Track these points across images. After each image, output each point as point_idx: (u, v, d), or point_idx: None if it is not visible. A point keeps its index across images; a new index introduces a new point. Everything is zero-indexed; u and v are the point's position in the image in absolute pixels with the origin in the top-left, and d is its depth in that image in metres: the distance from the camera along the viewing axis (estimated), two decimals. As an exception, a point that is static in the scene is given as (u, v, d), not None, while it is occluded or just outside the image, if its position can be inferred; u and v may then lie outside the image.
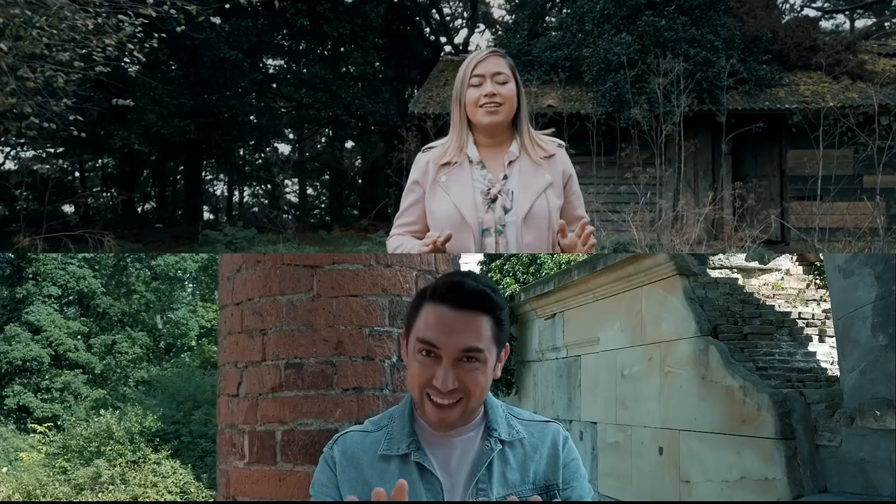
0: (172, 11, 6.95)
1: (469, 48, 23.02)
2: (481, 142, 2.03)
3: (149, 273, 20.36)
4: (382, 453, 1.27)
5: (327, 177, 24.54)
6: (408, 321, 1.30)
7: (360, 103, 16.21)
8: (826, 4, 20.60)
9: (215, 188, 27.26)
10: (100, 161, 21.98)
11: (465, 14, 24.23)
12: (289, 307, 1.54)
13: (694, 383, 4.97)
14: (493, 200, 1.92)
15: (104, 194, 23.37)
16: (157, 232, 17.86)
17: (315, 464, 1.48)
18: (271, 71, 19.72)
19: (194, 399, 10.53)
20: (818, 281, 6.01)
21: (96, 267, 19.75)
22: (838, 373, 4.43)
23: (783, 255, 6.22)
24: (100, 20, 6.83)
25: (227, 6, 12.84)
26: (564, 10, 13.72)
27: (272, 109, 18.49)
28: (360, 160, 24.61)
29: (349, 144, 24.43)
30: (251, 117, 17.52)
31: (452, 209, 1.91)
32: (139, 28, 7.07)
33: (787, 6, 19.86)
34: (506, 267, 8.41)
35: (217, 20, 7.26)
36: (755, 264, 6.07)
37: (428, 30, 21.90)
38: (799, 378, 4.72)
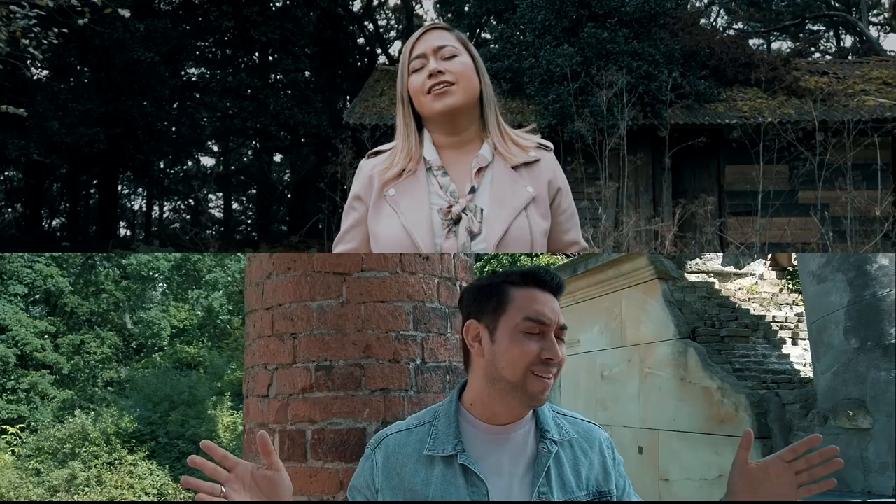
0: (74, 2, 6.25)
1: None
2: (441, 142, 1.61)
3: (118, 272, 20.08)
4: (428, 453, 1.24)
5: (254, 191, 23.39)
6: (486, 309, 1.27)
7: (289, 113, 15.21)
8: (746, 27, 21.22)
9: (133, 203, 25.80)
10: (5, 173, 20.18)
11: (400, 26, 23.65)
12: (319, 312, 1.61)
13: (673, 384, 5.13)
14: (456, 221, 1.50)
15: (7, 210, 21.56)
16: (62, 250, 17.30)
17: (344, 460, 1.55)
18: (194, 79, 18.65)
19: (170, 400, 10.46)
20: (791, 285, 6.23)
21: (64, 265, 19.42)
22: (811, 374, 4.62)
23: (758, 261, 6.43)
24: None
25: (140, 4, 12.21)
26: (501, 24, 13.30)
27: (194, 119, 17.38)
28: (289, 173, 23.52)
29: (278, 157, 23.42)
30: (172, 127, 16.47)
31: (401, 233, 1.52)
32: (34, 20, 6.27)
33: (710, 26, 20.24)
34: (486, 269, 8.53)
35: (126, 13, 6.45)
36: (731, 269, 6.27)
37: (362, 39, 21.29)
38: (774, 379, 4.91)
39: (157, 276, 20.89)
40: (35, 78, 9.96)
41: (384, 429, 1.30)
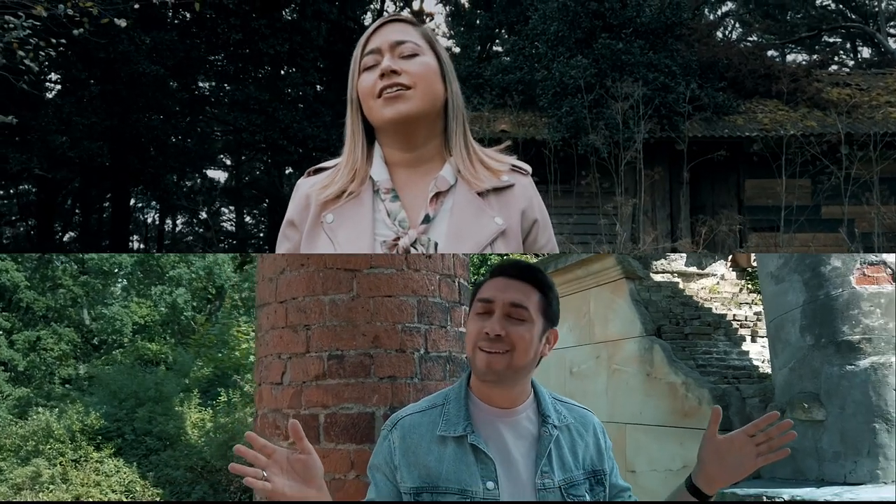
0: (69, 11, 6.07)
1: None
2: (394, 159, 1.43)
3: (76, 267, 19.69)
4: (441, 433, 1.33)
5: (266, 205, 23.15)
6: (471, 298, 1.38)
7: (299, 127, 14.97)
8: (760, 39, 20.80)
9: (146, 216, 25.51)
10: (19, 187, 20.21)
11: None
12: (331, 305, 1.74)
13: (639, 380, 5.35)
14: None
15: (20, 224, 21.57)
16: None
17: (354, 442, 1.69)
18: (206, 93, 18.40)
19: (137, 396, 10.36)
20: (750, 286, 6.51)
21: (19, 259, 18.99)
22: (770, 370, 4.88)
23: (718, 261, 6.70)
24: None
25: (147, 17, 11.85)
26: (513, 36, 13.01)
27: (204, 133, 17.08)
28: None
29: (288, 171, 23.06)
30: (187, 140, 16.23)
31: None
32: (28, 31, 6.08)
33: (724, 39, 19.88)
34: (481, 270, 8.64)
35: (123, 23, 6.25)
36: (694, 269, 6.53)
37: None
38: (734, 375, 5.16)
39: (118, 271, 20.56)
40: (38, 92, 9.66)
41: (399, 411, 1.41)
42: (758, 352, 5.53)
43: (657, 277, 6.21)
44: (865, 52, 22.98)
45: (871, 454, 3.70)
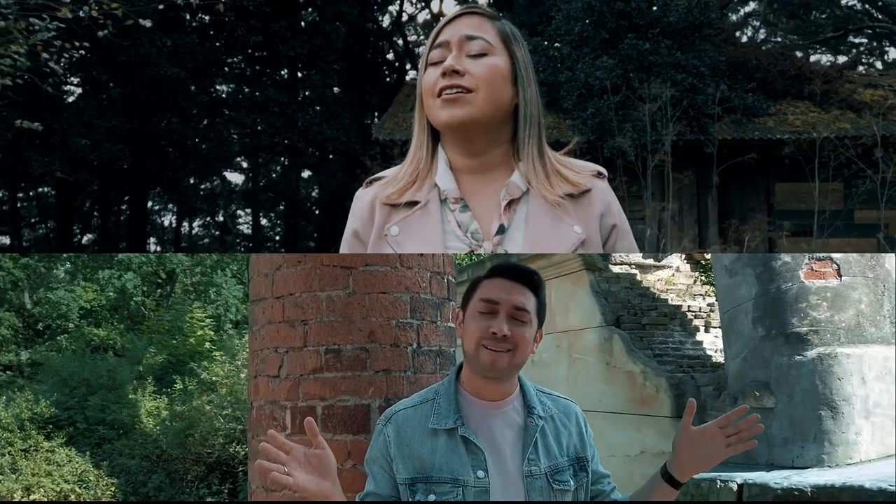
0: (94, 14, 5.97)
1: None
2: (459, 164, 1.36)
3: (17, 250, 19.06)
4: (433, 426, 1.39)
5: (282, 207, 22.91)
6: (465, 296, 1.44)
7: (317, 129, 14.86)
8: (784, 40, 20.45)
9: (163, 218, 25.19)
10: (39, 189, 19.87)
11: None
12: (328, 301, 1.79)
13: (599, 368, 5.52)
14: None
15: (39, 226, 21.32)
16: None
17: (351, 433, 1.75)
18: (223, 95, 18.18)
19: (88, 384, 10.15)
20: (703, 277, 6.76)
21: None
22: (723, 359, 5.10)
23: (674, 254, 6.93)
24: (5, 23, 5.69)
25: (167, 20, 11.59)
26: (536, 37, 12.59)
27: (221, 136, 16.93)
28: (317, 190, 23.20)
29: (306, 174, 22.85)
30: (203, 144, 16.04)
31: None
32: (53, 32, 5.96)
33: (748, 39, 19.58)
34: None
35: (147, 23, 6.17)
36: (651, 261, 6.74)
37: (391, 55, 20.81)
38: (689, 364, 5.37)
39: (63, 254, 19.98)
40: (60, 94, 9.35)
41: (392, 406, 1.49)
42: (711, 342, 5.76)
43: (616, 269, 6.39)
44: (893, 53, 23.13)
45: (818, 440, 3.93)
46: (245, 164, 23.22)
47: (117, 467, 8.60)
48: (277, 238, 24.54)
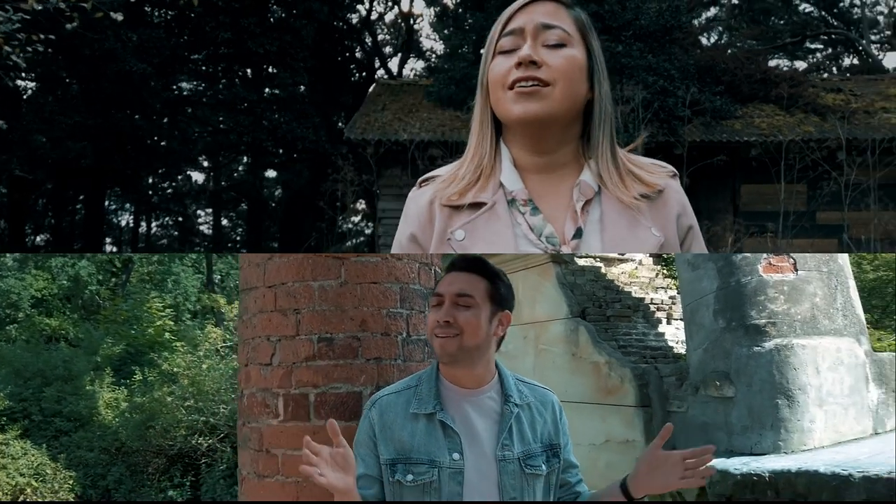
0: (62, 6, 5.76)
1: (404, 74, 21.58)
2: (524, 163, 1.27)
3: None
4: (413, 411, 1.47)
5: (245, 207, 22.37)
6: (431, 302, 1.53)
7: (287, 128, 14.60)
8: (744, 45, 20.56)
9: (120, 219, 24.25)
10: None
11: (398, 40, 23.01)
12: (320, 291, 1.83)
13: (565, 359, 5.64)
14: None
15: None
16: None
17: (344, 419, 1.80)
18: (185, 92, 17.61)
19: (43, 375, 9.90)
20: (665, 271, 6.94)
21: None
22: (684, 350, 5.26)
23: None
24: None
25: (133, 14, 11.27)
26: None
27: (185, 134, 16.33)
28: (280, 189, 22.74)
29: (270, 173, 22.33)
30: (163, 142, 15.60)
31: None
32: (18, 24, 5.70)
33: (714, 44, 19.88)
34: None
35: (119, 17, 5.90)
36: (614, 255, 6.89)
37: (360, 53, 20.56)
38: (652, 355, 5.53)
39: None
40: (19, 89, 8.89)
41: (378, 392, 1.58)
42: (673, 333, 5.93)
43: (581, 262, 6.52)
44: (847, 59, 23.21)
45: (774, 427, 4.11)
46: (206, 164, 22.59)
47: (75, 460, 8.44)
48: (238, 239, 23.98)
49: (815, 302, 4.51)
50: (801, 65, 21.29)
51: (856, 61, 21.46)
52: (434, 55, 22.42)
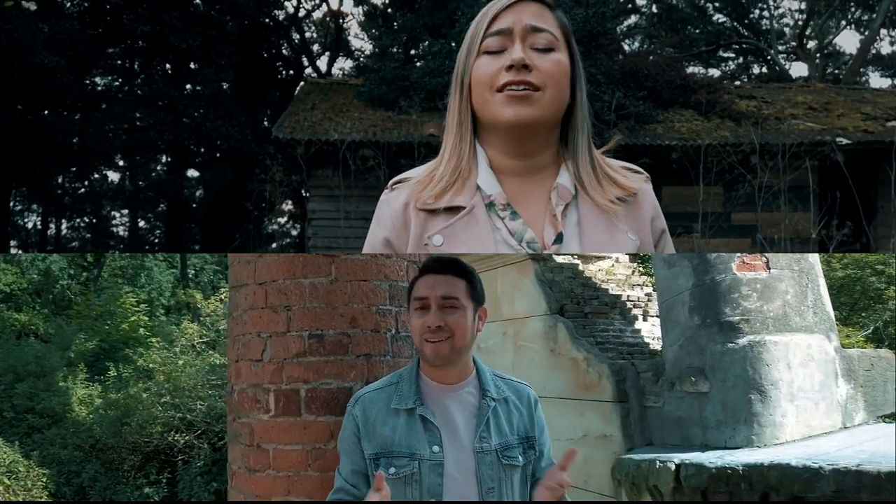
0: None
1: (333, 73, 21.09)
2: (503, 166, 1.26)
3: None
4: (395, 407, 1.53)
5: (163, 208, 21.33)
6: (407, 297, 1.59)
7: (211, 126, 13.93)
8: (661, 52, 21.40)
9: (27, 220, 22.82)
10: None
11: (327, 38, 22.54)
12: (311, 288, 1.85)
13: (544, 355, 5.71)
14: None
15: None
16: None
17: (334, 414, 1.83)
18: (100, 88, 16.84)
19: (14, 371, 9.76)
20: (641, 268, 7.04)
21: None
22: (660, 347, 5.36)
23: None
24: None
25: (45, 4, 10.68)
26: (440, 39, 12.59)
27: (100, 131, 15.55)
28: (202, 190, 22.04)
29: (192, 172, 21.47)
30: (75, 139, 14.78)
31: None
32: None
33: (636, 50, 20.56)
34: None
35: (32, 6, 5.52)
36: (592, 252, 6.98)
37: (287, 51, 20.01)
38: (629, 351, 5.62)
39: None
40: None
41: (360, 389, 1.64)
42: (649, 330, 6.03)
43: (559, 259, 6.60)
44: (757, 68, 24.58)
45: (748, 422, 4.21)
46: (122, 163, 21.58)
47: (48, 457, 8.34)
48: (157, 241, 23.10)
49: (786, 299, 4.62)
50: (714, 72, 22.35)
51: (765, 70, 22.65)
52: (363, 54, 22.05)
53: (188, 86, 15.95)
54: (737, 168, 10.06)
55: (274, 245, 22.82)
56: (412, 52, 16.47)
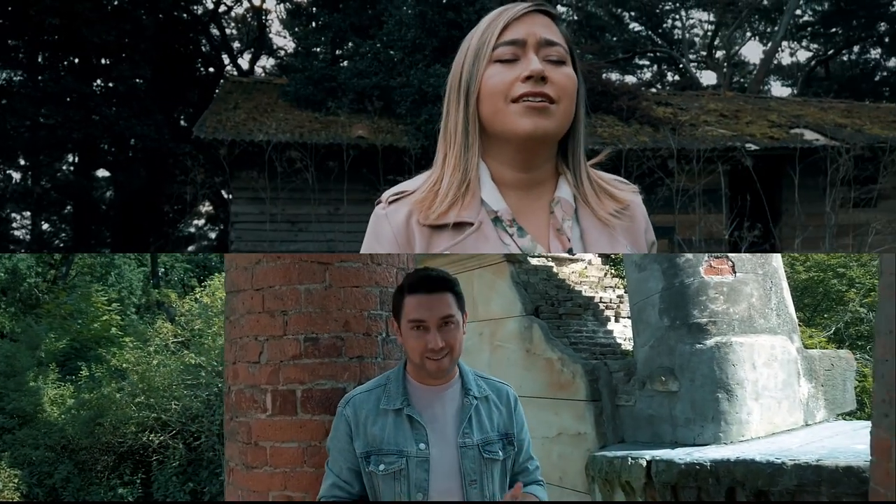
0: None
1: (255, 72, 20.33)
2: (506, 178, 1.24)
3: None
4: (383, 407, 1.64)
5: (70, 210, 19.99)
6: (395, 311, 1.66)
7: (125, 124, 13.04)
8: (583, 59, 23.08)
9: None
10: None
11: (248, 36, 21.73)
12: (307, 294, 1.95)
13: (519, 355, 5.84)
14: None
15: None
16: None
17: (329, 413, 1.93)
18: (1, 82, 15.66)
19: (-17, 371, 9.66)
20: (613, 271, 7.22)
21: None
22: (632, 347, 5.53)
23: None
24: None
25: None
26: (369, 40, 12.45)
27: (2, 128, 14.34)
28: (112, 191, 20.59)
29: (103, 172, 20.11)
30: None
31: None
32: None
33: None
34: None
35: None
36: (566, 255, 7.14)
37: (207, 48, 18.93)
38: (602, 351, 5.78)
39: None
40: None
41: (350, 391, 1.75)
42: (620, 331, 6.20)
43: (534, 261, 6.74)
44: (670, 76, 25.76)
45: (715, 419, 4.39)
46: (24, 161, 19.61)
47: (20, 458, 8.27)
48: (62, 245, 21.44)
49: (751, 302, 4.81)
50: (630, 79, 23.25)
51: (678, 78, 23.65)
52: (286, 53, 21.39)
53: (99, 81, 14.91)
54: (656, 172, 10.41)
55: (191, 248, 22.09)
56: (338, 51, 16.12)
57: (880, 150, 10.62)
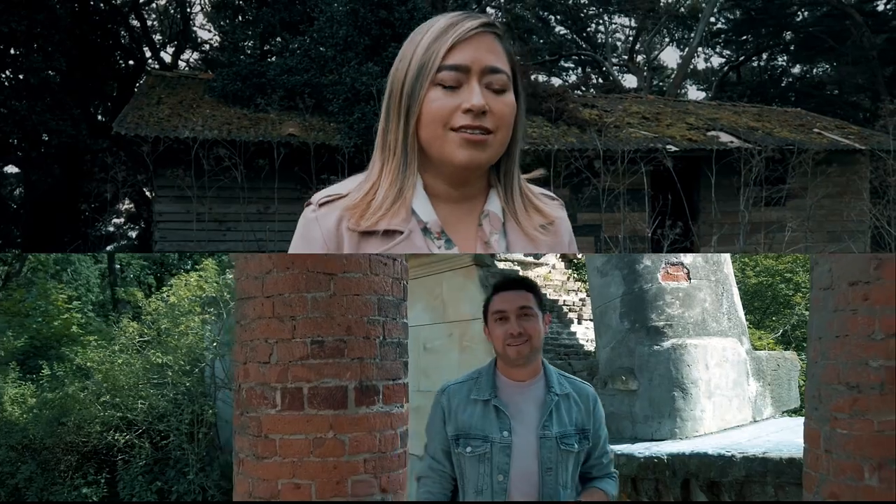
0: None
1: (179, 67, 19.21)
2: (437, 191, 1.26)
3: None
4: (473, 398, 1.87)
5: None
6: (484, 315, 1.90)
7: (38, 119, 12.26)
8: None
9: None
10: None
11: (171, 28, 20.85)
12: (313, 301, 2.15)
13: (487, 356, 6.08)
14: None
15: None
16: None
17: (333, 409, 2.13)
18: None
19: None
20: (576, 275, 7.53)
21: None
22: (594, 348, 5.82)
23: (550, 252, 7.66)
24: None
25: None
26: (300, 36, 12.11)
27: None
28: (22, 188, 19.57)
29: (11, 169, 18.95)
30: None
31: None
32: None
33: None
34: None
35: None
36: (531, 259, 7.42)
37: (127, 40, 18.10)
38: (566, 352, 6.07)
39: None
40: None
41: (446, 382, 2.00)
42: (583, 333, 6.50)
43: (501, 265, 7.00)
44: (594, 79, 26.20)
45: (671, 416, 4.70)
46: None
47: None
48: None
49: (704, 307, 5.14)
50: (556, 81, 23.85)
51: (601, 80, 24.27)
52: (211, 47, 20.66)
53: (8, 73, 13.76)
54: (583, 172, 10.77)
55: (109, 248, 20.87)
56: (266, 47, 15.70)
57: (788, 152, 11.13)
